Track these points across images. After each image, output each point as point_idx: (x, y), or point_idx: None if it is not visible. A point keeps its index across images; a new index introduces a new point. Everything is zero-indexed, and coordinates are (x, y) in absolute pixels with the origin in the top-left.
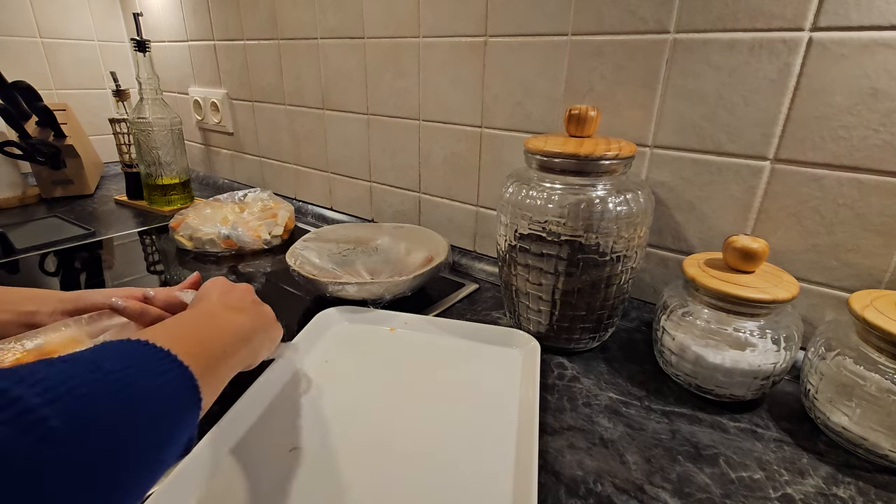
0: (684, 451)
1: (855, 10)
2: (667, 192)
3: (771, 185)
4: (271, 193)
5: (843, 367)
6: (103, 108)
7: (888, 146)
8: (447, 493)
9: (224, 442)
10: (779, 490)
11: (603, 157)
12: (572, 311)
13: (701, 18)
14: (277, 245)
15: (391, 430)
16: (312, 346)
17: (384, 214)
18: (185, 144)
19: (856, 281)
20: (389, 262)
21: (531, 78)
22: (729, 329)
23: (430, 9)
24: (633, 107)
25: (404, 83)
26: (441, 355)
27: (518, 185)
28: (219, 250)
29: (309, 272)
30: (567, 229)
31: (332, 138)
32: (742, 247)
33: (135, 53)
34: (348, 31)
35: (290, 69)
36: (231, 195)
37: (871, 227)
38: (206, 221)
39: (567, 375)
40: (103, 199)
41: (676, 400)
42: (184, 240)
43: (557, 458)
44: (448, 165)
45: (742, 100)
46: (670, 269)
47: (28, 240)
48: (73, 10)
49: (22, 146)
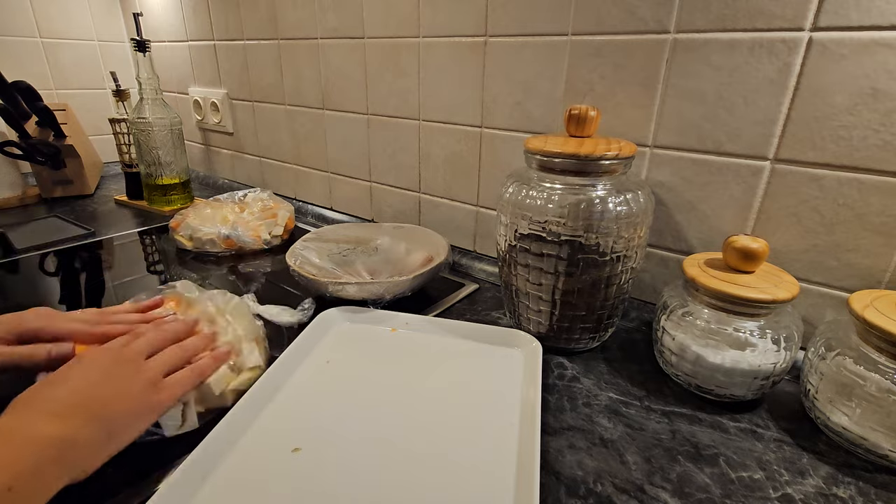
0: (684, 451)
1: (855, 10)
2: (667, 192)
3: (771, 185)
4: (271, 193)
5: (843, 367)
6: (103, 108)
7: (888, 146)
8: (449, 494)
9: (225, 443)
10: (779, 490)
11: (603, 157)
12: (572, 311)
13: (701, 18)
14: (277, 245)
15: (393, 430)
16: (314, 347)
17: (384, 214)
18: (185, 144)
19: (856, 281)
20: (389, 262)
21: (531, 78)
22: (729, 329)
23: (430, 9)
24: (633, 107)
25: (404, 83)
26: (442, 356)
27: (518, 185)
28: (219, 250)
29: (309, 272)
30: (567, 229)
31: (332, 138)
32: (742, 247)
33: (135, 53)
34: (348, 31)
35: (290, 69)
36: (231, 195)
37: (871, 227)
38: (206, 221)
39: (567, 375)
40: (103, 199)
41: (676, 400)
42: (184, 240)
43: (557, 458)
44: (448, 165)
45: (742, 100)
46: (670, 269)
47: (28, 240)
48: (73, 10)
49: (22, 146)
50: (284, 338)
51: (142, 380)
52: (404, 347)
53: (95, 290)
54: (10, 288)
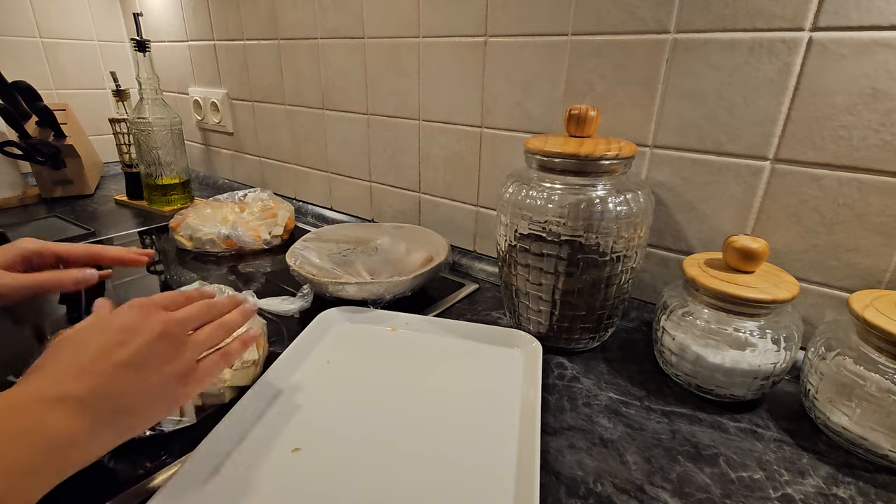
0: (684, 451)
1: (855, 9)
2: (667, 192)
3: (771, 185)
4: (271, 193)
5: (843, 367)
6: (103, 108)
7: (888, 146)
8: (449, 494)
9: (225, 443)
10: (779, 490)
11: (603, 157)
12: (572, 311)
13: (701, 18)
14: (277, 245)
15: (393, 431)
16: (314, 347)
17: (384, 214)
18: (185, 144)
19: (856, 281)
20: (389, 262)
21: (531, 78)
22: (729, 329)
23: (431, 9)
24: (633, 107)
25: (404, 83)
26: (442, 356)
27: (518, 185)
28: (219, 250)
29: (309, 272)
30: (567, 229)
31: (332, 138)
32: (742, 247)
33: (135, 53)
34: (348, 31)
35: (290, 69)
36: (231, 195)
37: (871, 227)
38: (206, 221)
39: (567, 375)
40: (103, 199)
41: (676, 400)
42: (184, 240)
43: (557, 458)
44: (448, 165)
45: (742, 100)
46: (670, 269)
47: None
48: (73, 10)
49: (22, 146)
50: (284, 337)
51: (179, 365)
52: (404, 347)
53: (95, 290)
54: None
